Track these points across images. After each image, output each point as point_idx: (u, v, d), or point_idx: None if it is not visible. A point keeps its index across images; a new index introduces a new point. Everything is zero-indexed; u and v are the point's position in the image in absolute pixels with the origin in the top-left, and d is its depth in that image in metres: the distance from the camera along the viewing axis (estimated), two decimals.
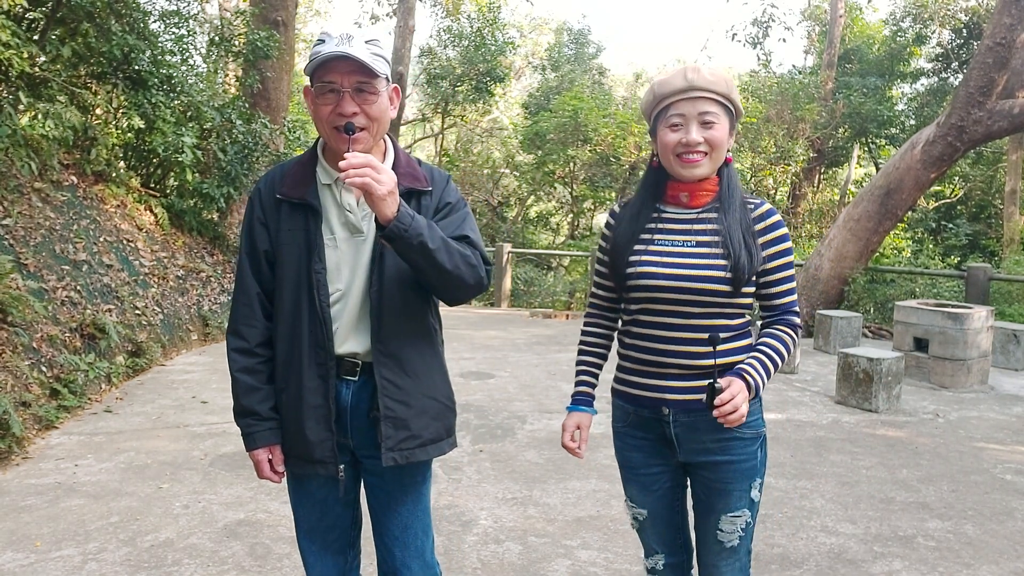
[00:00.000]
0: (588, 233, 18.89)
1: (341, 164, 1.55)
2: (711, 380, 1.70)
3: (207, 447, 4.54)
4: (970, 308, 6.87)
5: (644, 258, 1.82)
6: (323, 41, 1.67)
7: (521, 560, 3.16)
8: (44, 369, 5.14)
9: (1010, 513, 3.78)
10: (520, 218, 19.85)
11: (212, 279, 8.51)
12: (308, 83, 1.74)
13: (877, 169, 15.79)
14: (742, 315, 1.85)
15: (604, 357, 2.06)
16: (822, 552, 3.30)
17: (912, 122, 16.71)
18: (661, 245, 1.83)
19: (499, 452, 4.55)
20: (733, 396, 1.67)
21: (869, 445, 4.88)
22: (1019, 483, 4.23)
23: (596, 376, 2.05)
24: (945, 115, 9.37)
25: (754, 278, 1.82)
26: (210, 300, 8.26)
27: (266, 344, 1.82)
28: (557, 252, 16.84)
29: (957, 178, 17.40)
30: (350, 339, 1.77)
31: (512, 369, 7.04)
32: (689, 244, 1.81)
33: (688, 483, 1.97)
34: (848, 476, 4.27)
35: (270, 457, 1.83)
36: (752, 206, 1.84)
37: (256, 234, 1.80)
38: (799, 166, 15.89)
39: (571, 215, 19.45)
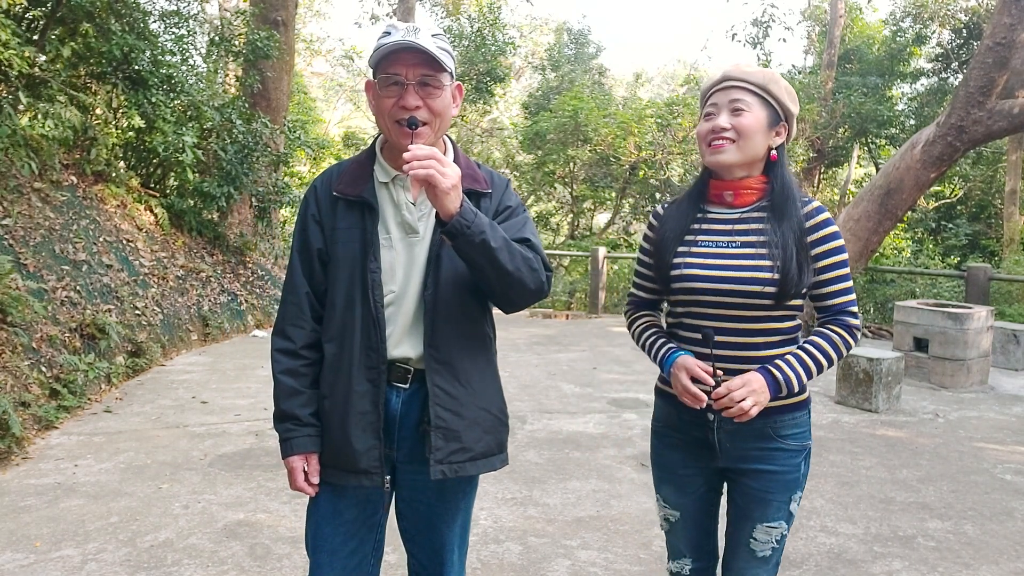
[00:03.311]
0: (588, 233, 18.89)
1: (405, 155, 1.51)
2: (713, 370, 1.67)
3: (207, 447, 4.53)
4: (970, 308, 6.87)
5: (687, 260, 1.77)
6: (389, 33, 1.63)
7: (521, 560, 3.16)
8: (44, 369, 5.14)
9: (1010, 513, 3.78)
10: None
11: (212, 279, 8.51)
12: (371, 76, 1.69)
13: (877, 169, 15.79)
14: (792, 317, 1.78)
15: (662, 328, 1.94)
16: (822, 552, 3.30)
17: (912, 122, 16.70)
18: (704, 247, 1.78)
19: None
20: (731, 389, 1.63)
21: (869, 445, 4.88)
22: (1019, 483, 4.23)
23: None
24: (945, 115, 9.37)
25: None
26: (210, 300, 8.26)
27: (312, 347, 1.74)
28: (557, 252, 16.81)
29: (957, 178, 17.39)
30: (403, 343, 1.70)
31: (512, 369, 7.03)
32: (733, 245, 1.76)
33: (724, 488, 1.92)
34: (848, 476, 4.27)
35: (306, 466, 1.73)
36: (800, 204, 1.78)
37: (310, 232, 1.74)
38: (799, 166, 15.88)
39: (571, 215, 19.44)
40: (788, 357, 1.73)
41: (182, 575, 2.98)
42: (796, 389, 1.72)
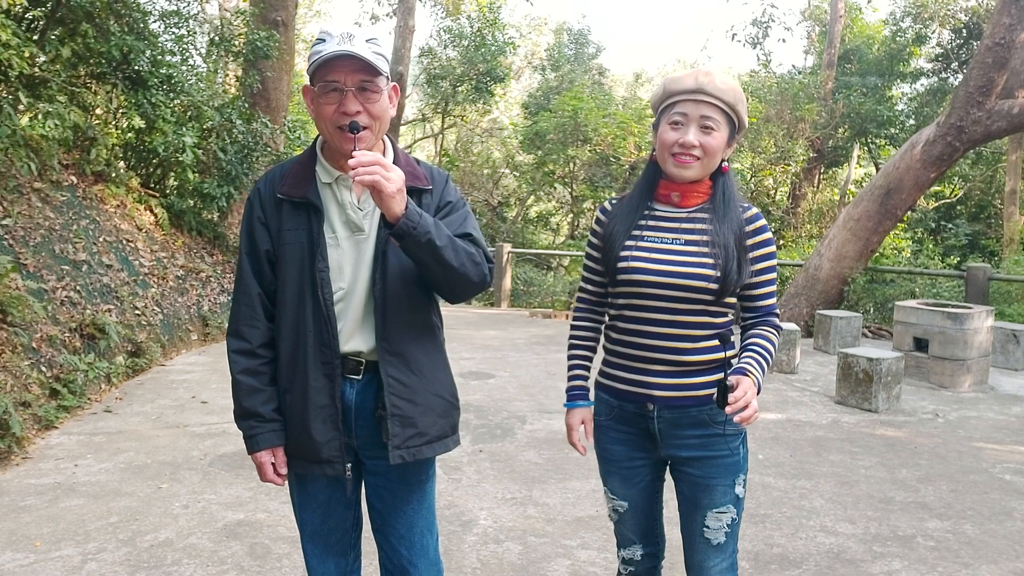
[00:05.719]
0: (588, 233, 18.88)
1: (350, 162, 1.55)
2: (722, 378, 1.71)
3: (206, 447, 4.54)
4: (970, 308, 6.87)
5: (634, 253, 1.85)
6: (323, 40, 1.66)
7: (521, 560, 3.16)
8: (44, 369, 5.15)
9: (1009, 513, 3.78)
10: (520, 218, 19.86)
11: (212, 279, 8.51)
12: (308, 82, 1.73)
13: (877, 169, 15.79)
14: (725, 314, 1.88)
15: (595, 350, 2.08)
16: (821, 552, 3.30)
17: (912, 122, 16.71)
18: (650, 241, 1.86)
19: (499, 452, 4.55)
20: (745, 393, 1.68)
21: (868, 445, 4.89)
22: (1018, 483, 4.23)
23: (589, 369, 2.07)
24: (945, 115, 9.38)
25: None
26: (210, 300, 8.26)
27: (268, 345, 1.81)
28: (557, 252, 16.83)
29: (957, 178, 17.40)
30: (355, 338, 1.77)
31: (511, 369, 7.04)
32: (678, 242, 1.84)
33: (667, 476, 2.01)
34: (847, 476, 4.27)
35: (273, 460, 1.82)
36: (740, 209, 1.88)
37: (257, 234, 1.79)
38: (799, 166, 15.89)
39: (571, 215, 19.45)
40: (750, 361, 1.81)
41: (182, 575, 2.99)
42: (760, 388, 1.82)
